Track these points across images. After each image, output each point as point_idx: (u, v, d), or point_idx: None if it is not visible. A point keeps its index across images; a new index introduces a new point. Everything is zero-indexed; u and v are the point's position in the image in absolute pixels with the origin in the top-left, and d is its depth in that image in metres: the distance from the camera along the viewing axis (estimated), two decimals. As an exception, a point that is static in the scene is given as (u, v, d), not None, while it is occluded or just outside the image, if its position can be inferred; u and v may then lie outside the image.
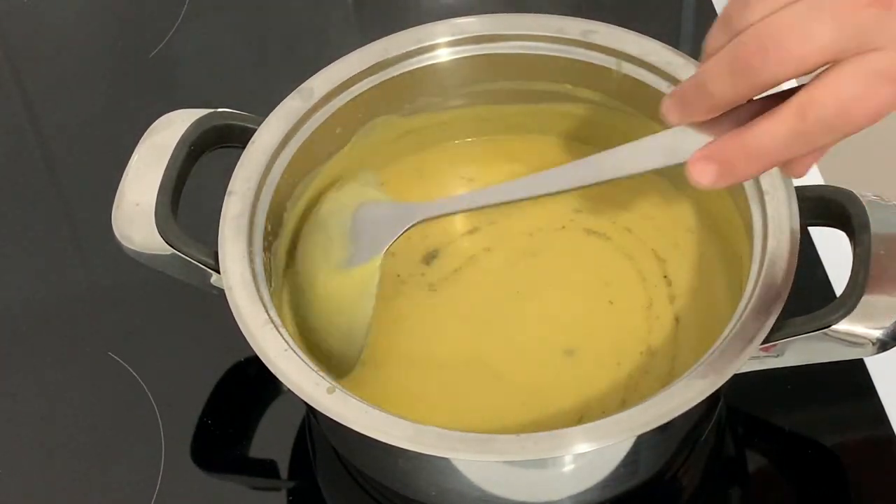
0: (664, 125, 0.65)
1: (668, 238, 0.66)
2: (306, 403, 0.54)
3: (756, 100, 0.49)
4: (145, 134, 0.64)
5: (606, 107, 0.67)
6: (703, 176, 0.50)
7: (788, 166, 0.51)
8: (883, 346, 0.54)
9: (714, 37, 0.49)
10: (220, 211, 0.60)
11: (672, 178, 0.67)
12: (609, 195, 0.67)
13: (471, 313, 0.64)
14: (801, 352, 0.56)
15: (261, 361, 0.55)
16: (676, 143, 0.51)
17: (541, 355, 0.62)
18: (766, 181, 0.59)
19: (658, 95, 0.63)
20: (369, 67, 0.65)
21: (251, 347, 0.55)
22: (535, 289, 0.65)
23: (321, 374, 0.55)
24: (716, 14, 0.85)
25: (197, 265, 0.60)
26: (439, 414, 0.59)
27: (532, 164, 0.69)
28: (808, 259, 0.67)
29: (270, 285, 0.59)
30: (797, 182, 0.59)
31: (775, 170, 0.58)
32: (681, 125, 0.51)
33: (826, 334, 0.54)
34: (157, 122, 0.64)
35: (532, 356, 0.63)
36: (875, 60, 0.45)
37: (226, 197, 0.60)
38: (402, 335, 0.64)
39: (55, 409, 0.70)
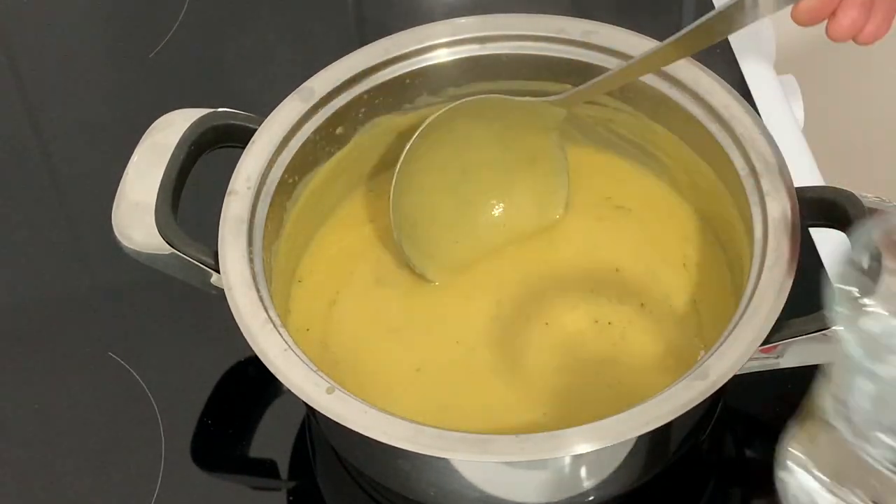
0: (665, 126, 0.65)
1: (668, 241, 0.66)
2: (306, 403, 0.54)
3: None
4: (145, 134, 0.64)
5: (607, 107, 0.67)
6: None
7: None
8: (883, 347, 0.54)
9: None
10: (220, 211, 0.60)
11: (674, 182, 0.67)
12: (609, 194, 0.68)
13: None
14: (802, 353, 0.56)
15: (261, 361, 0.55)
16: None
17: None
18: (766, 182, 0.59)
19: (658, 96, 0.64)
20: (369, 67, 0.65)
21: (251, 347, 0.55)
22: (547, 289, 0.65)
23: (321, 374, 0.55)
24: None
25: (197, 265, 0.60)
26: None
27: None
28: (808, 259, 0.66)
29: (270, 285, 0.59)
30: (797, 182, 0.59)
31: (775, 170, 0.59)
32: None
33: (826, 335, 0.54)
34: (157, 122, 0.64)
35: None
36: None
37: (226, 197, 0.61)
38: None
39: (55, 409, 0.70)
